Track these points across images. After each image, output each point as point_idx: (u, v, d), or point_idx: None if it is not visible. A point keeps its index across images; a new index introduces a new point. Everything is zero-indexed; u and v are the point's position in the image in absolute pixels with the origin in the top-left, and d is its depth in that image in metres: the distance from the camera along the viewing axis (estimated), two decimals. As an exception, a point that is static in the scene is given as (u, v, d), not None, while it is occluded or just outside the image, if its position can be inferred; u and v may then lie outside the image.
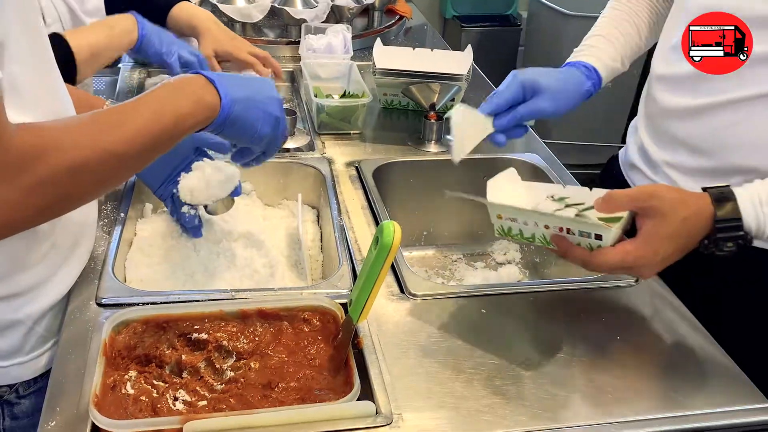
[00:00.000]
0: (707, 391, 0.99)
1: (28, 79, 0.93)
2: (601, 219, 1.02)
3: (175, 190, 1.24)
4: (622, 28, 1.38)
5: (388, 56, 1.79)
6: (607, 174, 1.54)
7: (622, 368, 1.01)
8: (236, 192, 1.26)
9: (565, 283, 1.19)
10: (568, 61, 1.36)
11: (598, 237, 1.00)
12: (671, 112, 1.26)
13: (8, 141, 0.77)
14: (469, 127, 1.24)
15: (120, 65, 2.01)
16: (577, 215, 1.05)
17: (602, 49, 1.35)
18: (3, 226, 0.81)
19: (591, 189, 1.09)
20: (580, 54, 1.36)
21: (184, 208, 1.26)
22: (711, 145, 1.19)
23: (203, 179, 1.22)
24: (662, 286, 1.18)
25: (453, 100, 1.76)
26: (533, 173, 1.51)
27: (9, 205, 0.79)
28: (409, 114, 1.80)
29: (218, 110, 0.95)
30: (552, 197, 1.12)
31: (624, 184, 1.41)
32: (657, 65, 1.31)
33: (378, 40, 1.87)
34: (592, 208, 1.04)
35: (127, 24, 1.58)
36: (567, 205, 1.09)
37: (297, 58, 1.99)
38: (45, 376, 1.04)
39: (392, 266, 1.17)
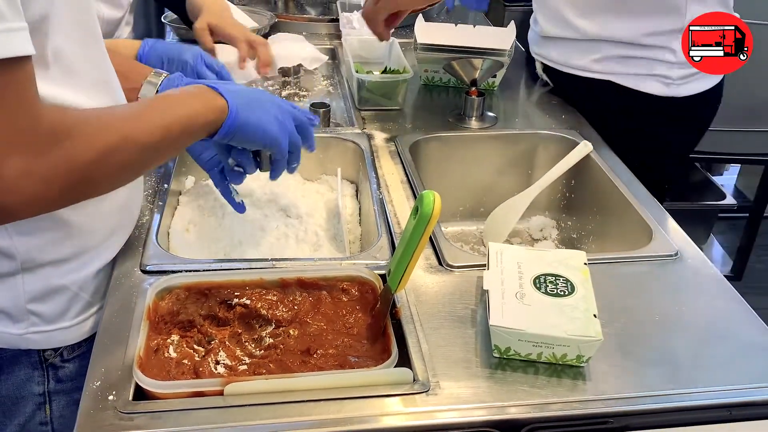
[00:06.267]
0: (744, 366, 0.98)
1: (73, 51, 0.94)
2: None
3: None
4: None
5: (429, 32, 1.78)
6: None
7: (660, 341, 1.00)
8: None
9: (603, 257, 1.18)
10: None
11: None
12: None
13: (40, 115, 0.79)
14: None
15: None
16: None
17: None
18: (27, 204, 0.80)
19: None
20: None
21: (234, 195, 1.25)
22: None
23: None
24: (703, 259, 1.18)
25: (495, 76, 1.75)
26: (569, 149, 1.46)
27: (37, 179, 0.79)
28: (449, 91, 1.79)
29: (226, 112, 1.02)
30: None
31: None
32: None
33: (420, 17, 1.87)
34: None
35: (127, 45, 1.60)
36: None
37: (338, 36, 2.00)
38: (89, 341, 1.06)
39: (430, 239, 1.17)
